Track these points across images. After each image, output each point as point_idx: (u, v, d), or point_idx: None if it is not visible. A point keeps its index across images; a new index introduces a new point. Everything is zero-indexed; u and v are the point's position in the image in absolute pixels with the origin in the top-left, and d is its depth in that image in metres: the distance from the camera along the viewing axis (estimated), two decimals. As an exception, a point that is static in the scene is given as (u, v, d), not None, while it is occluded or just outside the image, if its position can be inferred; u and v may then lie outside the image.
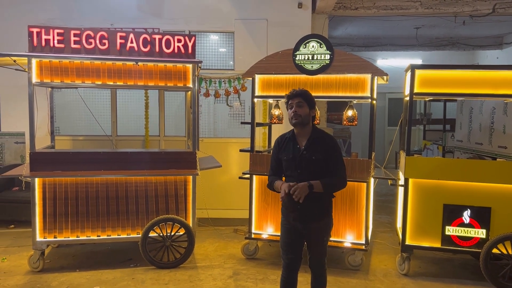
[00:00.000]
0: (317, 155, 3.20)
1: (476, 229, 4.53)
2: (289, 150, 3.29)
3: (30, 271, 4.77)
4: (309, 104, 3.26)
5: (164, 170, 4.96)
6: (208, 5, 6.89)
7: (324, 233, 3.35)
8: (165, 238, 4.88)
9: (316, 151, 3.22)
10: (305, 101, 3.24)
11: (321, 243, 3.36)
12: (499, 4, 7.30)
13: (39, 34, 4.61)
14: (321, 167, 3.21)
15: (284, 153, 3.32)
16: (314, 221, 3.27)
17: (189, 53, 4.96)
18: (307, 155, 3.22)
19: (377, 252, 5.49)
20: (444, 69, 4.65)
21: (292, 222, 3.31)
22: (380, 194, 8.72)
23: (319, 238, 3.34)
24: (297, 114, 3.21)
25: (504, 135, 5.83)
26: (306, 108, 3.23)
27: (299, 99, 3.23)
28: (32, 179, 4.68)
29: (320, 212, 3.29)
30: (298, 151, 3.26)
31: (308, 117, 3.25)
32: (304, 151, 3.24)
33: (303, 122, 3.24)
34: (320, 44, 4.82)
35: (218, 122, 7.31)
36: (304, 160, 3.22)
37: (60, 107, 6.79)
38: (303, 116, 3.22)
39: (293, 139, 3.32)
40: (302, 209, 3.23)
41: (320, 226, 3.31)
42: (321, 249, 3.38)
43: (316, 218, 3.27)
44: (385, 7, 7.40)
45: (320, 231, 3.32)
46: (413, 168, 4.67)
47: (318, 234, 3.32)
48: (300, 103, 3.23)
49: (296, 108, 3.22)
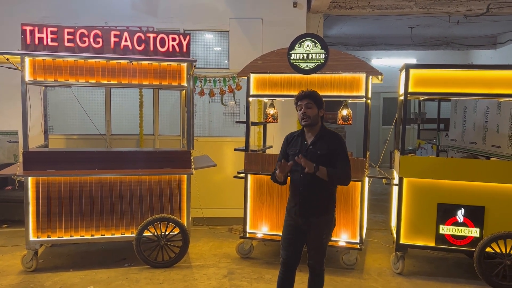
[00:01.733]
0: (323, 150, 3.32)
1: (470, 228, 4.55)
2: (297, 146, 3.43)
3: (23, 271, 4.74)
4: (318, 105, 3.36)
5: (159, 169, 4.94)
6: (203, 4, 6.87)
7: (324, 230, 3.37)
8: (159, 238, 4.87)
9: (322, 147, 3.34)
10: (314, 102, 3.34)
11: (320, 240, 3.37)
12: (493, 4, 7.33)
13: (32, 32, 4.57)
14: (325, 162, 3.28)
15: (292, 148, 3.46)
16: (314, 216, 3.33)
17: (183, 52, 4.94)
18: (312, 150, 3.35)
19: (371, 251, 5.50)
20: (438, 69, 4.67)
21: (293, 216, 3.39)
22: (374, 193, 8.74)
23: (318, 235, 3.36)
24: (306, 115, 3.33)
25: (497, 134, 5.86)
26: (315, 109, 3.34)
27: (307, 100, 3.33)
28: (26, 178, 4.64)
29: (321, 207, 3.35)
30: (305, 146, 3.39)
31: (317, 117, 3.37)
32: (310, 146, 3.37)
33: (313, 123, 3.36)
34: (315, 43, 4.82)
35: (213, 121, 7.30)
36: (310, 155, 3.32)
37: (53, 106, 6.75)
38: (312, 117, 3.33)
39: (302, 136, 3.46)
40: (303, 202, 3.33)
41: (320, 222, 3.35)
42: (319, 246, 3.39)
43: (316, 212, 3.34)
44: (380, 6, 7.41)
45: (319, 227, 3.35)
46: (407, 168, 4.68)
47: (317, 230, 3.35)
48: (309, 104, 3.33)
49: (305, 109, 3.33)
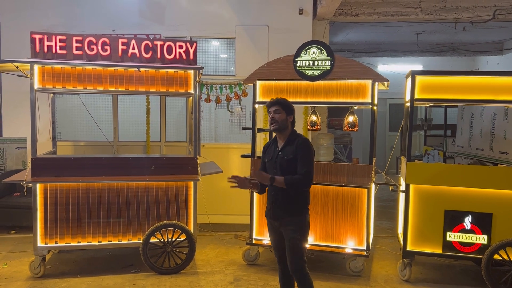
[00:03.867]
0: (289, 155, 3.49)
1: (477, 235, 4.52)
2: (270, 153, 3.65)
3: (31, 277, 4.76)
4: (286, 111, 3.56)
5: (165, 175, 4.97)
6: (209, 12, 6.93)
7: (296, 230, 3.45)
8: (166, 244, 4.88)
9: (288, 152, 3.51)
10: (282, 108, 3.55)
11: (293, 240, 3.44)
12: (499, 10, 7.33)
13: (41, 40, 4.64)
14: (293, 167, 3.46)
15: (267, 155, 3.69)
16: (286, 217, 3.48)
17: (190, 59, 4.98)
18: (281, 155, 3.53)
19: (378, 258, 5.48)
20: (444, 75, 4.66)
21: (270, 220, 3.62)
22: (381, 199, 8.71)
23: (290, 235, 3.45)
24: (274, 120, 3.54)
25: (505, 140, 5.84)
26: (283, 114, 3.54)
27: (276, 107, 3.55)
28: (34, 185, 4.68)
29: (292, 208, 3.48)
30: (276, 153, 3.59)
31: (285, 122, 3.55)
32: (279, 152, 3.56)
33: (280, 127, 3.54)
34: (321, 50, 4.84)
35: (219, 127, 7.32)
36: (279, 160, 3.53)
37: (61, 113, 6.81)
38: (280, 122, 3.53)
39: (275, 143, 3.67)
40: (275, 205, 3.53)
41: (291, 222, 3.47)
42: (293, 246, 3.44)
43: (287, 213, 3.48)
44: (385, 13, 7.43)
45: (291, 227, 3.46)
46: (414, 174, 4.67)
47: (289, 231, 3.46)
48: (278, 110, 3.54)
49: (274, 114, 3.55)
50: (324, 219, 4.86)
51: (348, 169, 4.83)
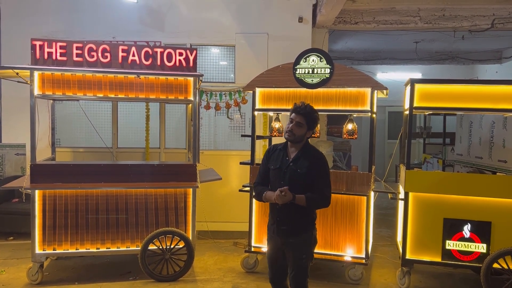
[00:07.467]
0: (303, 169, 3.21)
1: (476, 243, 4.52)
2: (278, 160, 3.32)
3: (28, 284, 4.74)
4: (309, 126, 3.26)
5: (164, 182, 4.96)
6: (209, 19, 6.96)
7: (303, 250, 3.26)
8: (164, 251, 4.86)
9: (302, 165, 3.22)
10: (306, 122, 3.23)
11: (300, 261, 3.26)
12: (497, 19, 7.37)
13: (41, 47, 4.65)
14: (304, 181, 3.20)
15: (273, 162, 3.35)
16: (292, 236, 3.25)
17: (190, 66, 5.00)
18: (293, 167, 3.24)
19: (377, 266, 5.46)
20: (443, 84, 4.68)
21: (273, 235, 3.34)
22: (380, 207, 8.69)
23: (298, 256, 3.26)
24: (292, 132, 3.23)
25: (503, 149, 5.84)
26: (304, 129, 3.24)
27: (300, 119, 3.22)
28: (33, 191, 4.68)
29: (299, 226, 3.26)
30: (286, 163, 3.28)
31: (302, 137, 3.26)
32: (291, 163, 3.26)
33: (295, 140, 3.27)
34: (320, 58, 4.86)
35: (218, 134, 7.33)
36: (289, 172, 3.24)
37: (61, 119, 6.81)
38: (296, 136, 3.24)
39: (284, 150, 3.35)
40: (280, 220, 3.26)
41: (299, 242, 3.26)
42: (299, 267, 3.26)
43: (294, 232, 3.25)
44: (384, 21, 7.47)
45: (298, 247, 3.26)
46: (413, 182, 4.67)
47: (296, 251, 3.26)
48: (300, 124, 3.22)
49: (294, 127, 3.23)
50: (323, 227, 4.85)
51: (347, 176, 4.83)
